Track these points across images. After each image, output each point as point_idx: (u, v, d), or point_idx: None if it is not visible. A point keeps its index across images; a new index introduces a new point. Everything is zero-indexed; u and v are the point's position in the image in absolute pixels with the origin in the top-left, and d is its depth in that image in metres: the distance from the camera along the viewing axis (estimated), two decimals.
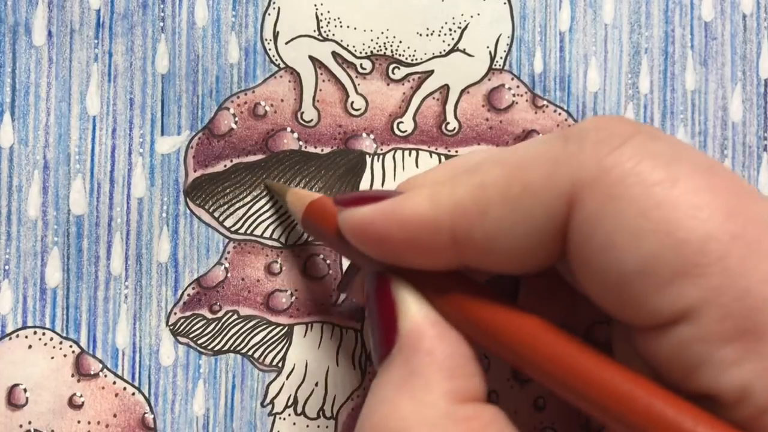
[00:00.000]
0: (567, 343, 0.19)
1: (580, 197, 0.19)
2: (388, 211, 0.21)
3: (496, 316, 0.20)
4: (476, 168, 0.21)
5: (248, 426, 0.29)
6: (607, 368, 0.18)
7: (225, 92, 0.29)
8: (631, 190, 0.18)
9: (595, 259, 0.19)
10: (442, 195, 0.20)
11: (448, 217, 0.20)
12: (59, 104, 0.29)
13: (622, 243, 0.18)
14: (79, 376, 0.28)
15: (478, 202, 0.20)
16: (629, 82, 0.30)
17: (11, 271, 0.28)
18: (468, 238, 0.20)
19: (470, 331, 0.21)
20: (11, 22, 0.29)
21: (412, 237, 0.21)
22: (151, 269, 0.29)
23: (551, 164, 0.19)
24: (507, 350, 0.20)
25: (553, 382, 0.19)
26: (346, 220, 0.22)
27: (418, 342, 0.21)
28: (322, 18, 0.29)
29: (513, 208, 0.19)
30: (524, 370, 0.20)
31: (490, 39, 0.30)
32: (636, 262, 0.18)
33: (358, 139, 0.29)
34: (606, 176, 0.18)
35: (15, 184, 0.29)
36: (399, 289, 0.22)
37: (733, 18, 0.30)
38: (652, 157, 0.18)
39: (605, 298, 0.19)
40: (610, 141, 0.19)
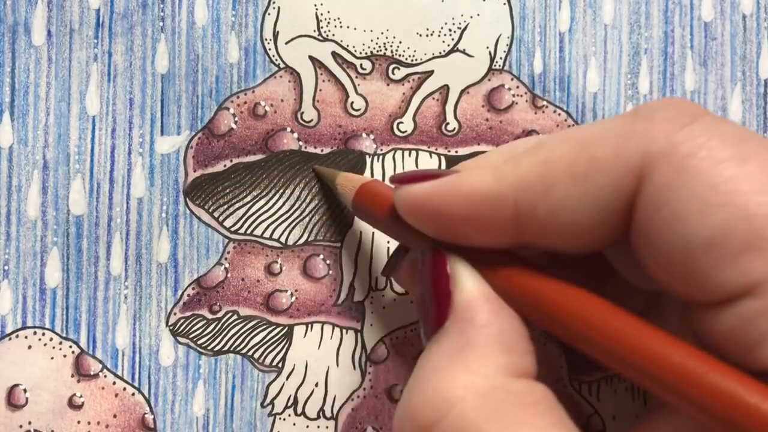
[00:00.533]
0: (629, 320, 0.19)
1: (650, 170, 0.19)
2: (448, 187, 0.21)
3: (555, 292, 0.20)
4: (540, 145, 0.21)
5: (248, 426, 0.29)
6: (670, 344, 0.18)
7: (225, 92, 0.29)
8: (702, 164, 0.18)
9: (663, 231, 0.19)
10: (504, 171, 0.20)
11: (512, 193, 0.20)
12: (59, 104, 0.29)
13: (692, 215, 0.18)
14: (78, 377, 0.28)
15: (544, 178, 0.20)
16: (629, 82, 0.30)
17: (11, 272, 0.28)
18: (532, 214, 0.20)
19: (525, 308, 0.21)
20: (10, 22, 0.29)
21: (473, 212, 0.21)
22: (150, 269, 0.29)
23: (620, 139, 0.19)
24: (564, 326, 0.20)
25: (614, 358, 0.19)
26: (403, 197, 0.22)
27: (474, 314, 0.21)
28: (322, 18, 0.29)
29: (580, 184, 0.19)
30: (581, 345, 0.20)
31: (490, 39, 0.30)
32: (705, 235, 0.18)
33: (358, 139, 0.29)
34: (677, 150, 0.18)
35: (14, 184, 0.28)
36: (455, 263, 0.22)
37: (733, 18, 0.30)
38: (721, 135, 0.18)
39: (669, 273, 0.19)
40: (680, 118, 0.19)
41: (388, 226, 0.24)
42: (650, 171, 0.19)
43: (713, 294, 0.18)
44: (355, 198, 0.26)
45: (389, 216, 0.24)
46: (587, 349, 0.20)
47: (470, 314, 0.21)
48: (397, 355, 0.29)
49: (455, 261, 0.22)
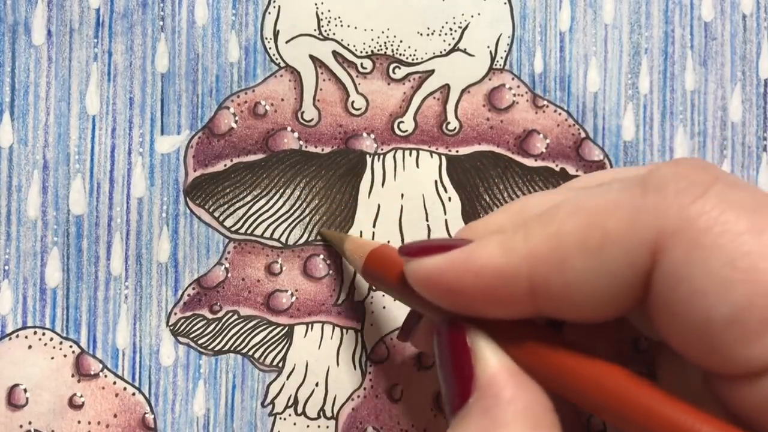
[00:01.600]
0: (651, 391, 0.19)
1: (665, 246, 0.18)
2: (459, 261, 0.21)
3: (575, 364, 0.20)
4: (550, 216, 0.20)
5: (248, 426, 0.29)
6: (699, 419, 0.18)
7: (225, 91, 0.29)
8: (719, 239, 0.18)
9: (682, 307, 0.18)
10: (516, 243, 0.20)
11: (525, 267, 0.20)
12: (59, 104, 0.29)
13: (711, 291, 0.18)
14: (79, 377, 0.28)
15: (556, 251, 0.20)
16: (629, 82, 0.30)
17: (11, 272, 0.28)
18: (546, 288, 0.20)
19: (548, 380, 0.21)
20: (10, 22, 0.29)
21: (486, 287, 0.20)
22: (151, 269, 0.29)
23: (633, 213, 0.19)
24: (589, 399, 0.20)
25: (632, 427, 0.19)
26: (414, 271, 0.22)
27: (499, 391, 0.20)
28: (322, 17, 0.29)
29: (593, 258, 0.19)
30: (606, 417, 0.20)
31: (491, 39, 0.30)
32: (725, 312, 0.18)
33: (359, 138, 0.29)
34: (691, 225, 0.18)
35: (15, 184, 0.28)
36: (474, 337, 0.21)
37: (733, 18, 0.30)
38: (736, 206, 0.18)
39: (689, 347, 0.19)
40: (691, 190, 0.19)
41: (401, 294, 0.24)
42: (665, 247, 0.19)
43: (736, 369, 0.18)
44: (365, 265, 0.26)
45: (401, 284, 0.23)
46: (615, 423, 0.20)
47: (495, 390, 0.20)
48: (398, 355, 0.29)
49: (475, 334, 0.21)
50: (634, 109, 0.30)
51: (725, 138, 0.30)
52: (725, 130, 0.30)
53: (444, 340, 0.22)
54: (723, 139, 0.30)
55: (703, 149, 0.30)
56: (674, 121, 0.30)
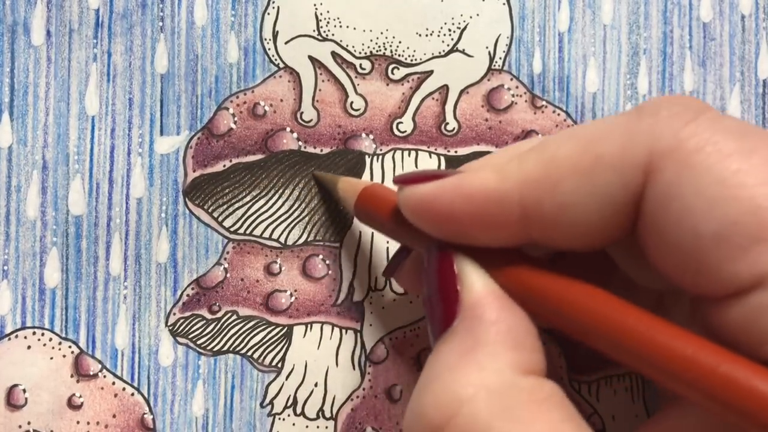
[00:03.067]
0: (638, 314, 0.19)
1: (657, 166, 0.19)
2: (453, 187, 0.21)
3: (562, 288, 0.20)
4: (544, 144, 0.21)
5: (248, 426, 0.29)
6: (681, 337, 0.18)
7: (224, 92, 0.29)
8: (709, 159, 0.18)
9: (672, 226, 0.19)
10: (509, 169, 0.20)
11: (517, 191, 0.20)
12: (58, 104, 0.29)
13: (701, 209, 0.18)
14: (78, 377, 0.28)
15: (548, 175, 0.20)
16: (628, 82, 0.30)
17: (10, 272, 0.28)
18: (538, 212, 0.20)
19: (533, 305, 0.21)
20: (10, 22, 0.29)
21: (479, 211, 0.21)
22: (150, 269, 0.29)
23: (626, 136, 0.19)
24: (574, 322, 0.20)
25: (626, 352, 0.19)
26: (408, 198, 0.22)
27: (483, 312, 0.21)
28: (321, 18, 0.29)
29: (586, 180, 0.19)
30: (591, 341, 0.20)
31: (490, 39, 0.30)
32: (714, 228, 0.18)
33: (358, 139, 0.29)
34: (683, 146, 0.19)
35: (14, 184, 0.28)
36: (461, 262, 0.22)
37: (732, 19, 0.30)
38: (725, 130, 0.19)
39: (678, 268, 0.19)
40: (684, 114, 0.19)
41: (391, 228, 0.24)
42: (657, 167, 0.19)
43: (723, 287, 0.18)
44: (357, 202, 0.26)
45: (393, 218, 0.24)
46: (598, 345, 0.20)
47: (479, 312, 0.21)
48: (397, 355, 0.29)
49: (462, 260, 0.22)
50: None
51: None
52: None
53: (432, 265, 0.22)
54: None
55: None
56: None
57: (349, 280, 0.29)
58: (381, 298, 0.29)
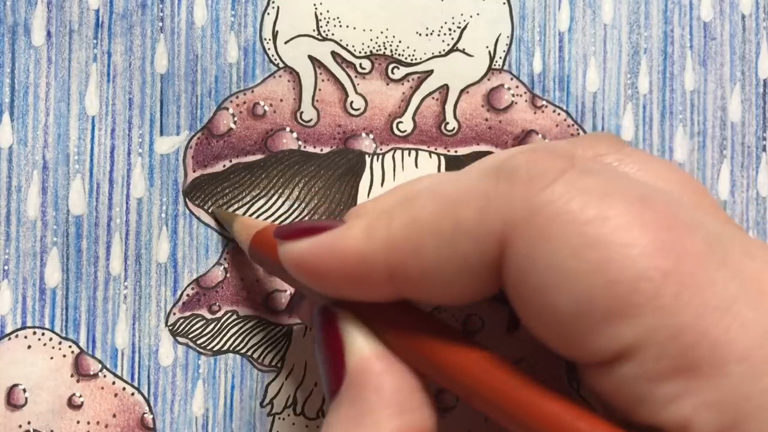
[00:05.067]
0: (510, 376, 0.19)
1: (512, 237, 0.18)
2: (324, 245, 0.21)
3: (442, 348, 0.20)
4: (413, 200, 0.20)
5: (247, 426, 0.29)
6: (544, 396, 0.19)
7: (224, 92, 0.29)
8: (563, 230, 0.18)
9: (531, 299, 0.18)
10: (377, 229, 0.20)
11: (383, 252, 0.20)
12: (58, 104, 0.29)
13: (556, 284, 0.18)
14: (78, 377, 0.28)
15: (411, 239, 0.20)
16: (628, 82, 0.30)
17: (10, 272, 0.28)
18: (402, 273, 0.20)
19: (417, 362, 0.21)
20: (10, 22, 0.29)
21: (348, 272, 0.21)
22: (150, 269, 0.29)
23: (482, 202, 0.19)
24: (452, 382, 0.20)
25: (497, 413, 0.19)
26: (285, 254, 0.22)
27: (366, 378, 0.21)
28: (321, 17, 0.29)
29: (446, 246, 0.19)
30: (468, 401, 0.20)
31: (490, 39, 0.30)
32: (570, 304, 0.18)
33: (358, 138, 0.29)
34: (537, 215, 0.18)
35: (14, 184, 0.28)
36: (344, 323, 0.22)
37: (732, 18, 0.30)
38: (583, 194, 0.18)
39: (545, 336, 0.19)
40: (541, 178, 0.18)
41: (282, 276, 0.24)
42: (512, 238, 0.18)
43: (589, 358, 0.18)
44: (251, 247, 0.26)
45: (281, 266, 0.23)
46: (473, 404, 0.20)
47: (362, 378, 0.21)
48: None
49: (346, 321, 0.22)
50: (634, 109, 0.30)
51: (725, 138, 0.30)
52: (725, 130, 0.30)
53: (318, 325, 0.22)
54: (722, 139, 0.30)
55: (702, 149, 0.30)
56: (674, 121, 0.30)
57: None
58: None
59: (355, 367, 0.21)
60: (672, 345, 0.17)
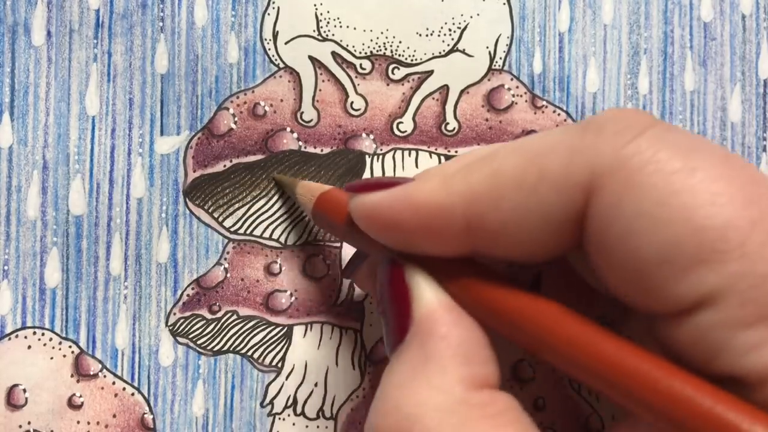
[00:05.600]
0: (585, 326, 0.19)
1: (598, 186, 0.19)
2: (400, 197, 0.21)
3: (513, 300, 0.20)
4: (491, 156, 0.20)
5: (248, 426, 0.29)
6: (628, 351, 0.18)
7: (224, 92, 0.29)
8: (651, 179, 0.18)
9: (614, 247, 0.19)
10: (455, 181, 0.20)
11: (462, 203, 0.20)
12: (58, 104, 0.29)
13: (642, 230, 0.18)
14: (78, 377, 0.28)
15: (493, 189, 0.20)
16: (628, 82, 0.30)
17: (10, 272, 0.28)
18: (481, 225, 0.20)
19: (485, 316, 0.21)
20: (10, 22, 0.29)
21: (424, 222, 0.21)
22: (150, 269, 0.29)
23: (569, 153, 0.19)
24: (524, 334, 0.20)
25: (572, 365, 0.19)
26: (357, 206, 0.22)
27: (433, 327, 0.21)
28: (321, 18, 0.29)
29: (528, 196, 0.19)
30: (541, 353, 0.20)
31: (490, 39, 0.30)
32: (656, 250, 0.18)
33: (358, 139, 0.29)
34: (625, 165, 0.18)
35: (14, 184, 0.28)
36: (413, 275, 0.22)
37: (733, 18, 0.30)
38: (670, 147, 0.18)
39: (623, 287, 0.19)
40: (628, 131, 0.19)
41: (346, 233, 0.24)
42: (599, 187, 0.19)
43: (668, 307, 0.18)
44: (314, 207, 0.26)
45: (347, 224, 0.23)
46: (546, 357, 0.20)
47: (429, 326, 0.21)
48: None
49: (413, 272, 0.22)
50: None
51: (725, 138, 0.30)
52: (725, 130, 0.30)
53: (383, 277, 0.22)
54: (722, 140, 0.30)
55: None
56: (674, 121, 0.30)
57: (349, 280, 0.29)
58: None
59: (422, 316, 0.21)
60: (757, 292, 0.17)
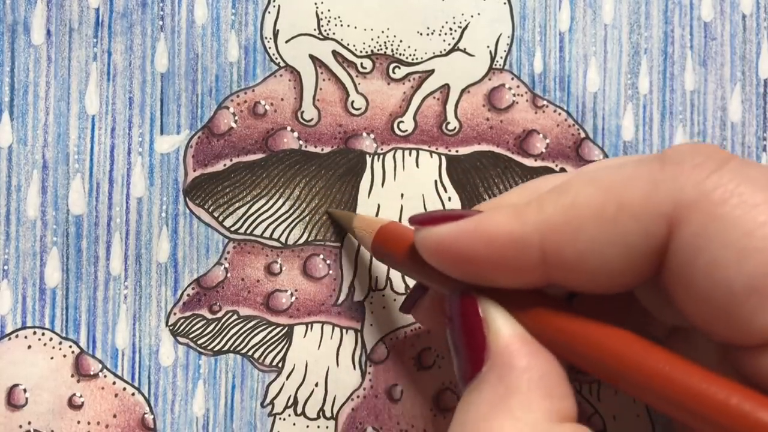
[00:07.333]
0: (663, 355, 0.19)
1: (682, 218, 0.19)
2: (471, 229, 0.21)
3: (587, 331, 0.20)
4: (563, 188, 0.20)
5: (248, 426, 0.29)
6: (712, 381, 0.18)
7: (225, 91, 0.29)
8: (735, 211, 0.18)
9: (699, 278, 0.19)
10: (529, 213, 0.20)
11: (538, 235, 0.20)
12: (58, 103, 0.29)
13: (729, 262, 0.18)
14: (78, 377, 0.28)
15: (570, 221, 0.20)
16: (629, 82, 0.30)
17: (10, 272, 0.28)
18: (558, 257, 0.20)
19: (560, 348, 0.21)
20: (10, 21, 0.29)
21: (498, 255, 0.21)
22: (150, 269, 0.29)
23: (650, 185, 0.19)
24: (601, 365, 0.20)
25: (656, 396, 0.19)
26: (425, 240, 0.22)
27: (513, 360, 0.20)
28: (322, 17, 0.29)
29: (608, 228, 0.19)
30: (618, 384, 0.20)
31: (491, 39, 0.30)
32: (744, 281, 0.18)
33: (359, 138, 0.29)
34: (708, 197, 0.19)
35: (14, 184, 0.28)
36: (486, 307, 0.21)
37: (733, 18, 0.30)
38: (751, 180, 0.19)
39: (706, 318, 0.19)
40: (708, 164, 0.19)
41: (410, 268, 0.24)
42: (682, 219, 0.19)
43: (754, 338, 0.19)
44: (374, 242, 0.26)
45: (410, 258, 0.23)
46: (628, 389, 0.20)
47: (509, 359, 0.20)
48: (397, 355, 0.29)
49: (487, 303, 0.21)
50: (634, 109, 0.30)
51: (725, 138, 0.30)
52: (725, 130, 0.30)
53: (456, 309, 0.22)
54: (723, 139, 0.30)
55: None
56: (674, 121, 0.30)
57: (349, 280, 0.29)
58: (381, 298, 0.29)
59: (500, 348, 0.21)
60: None
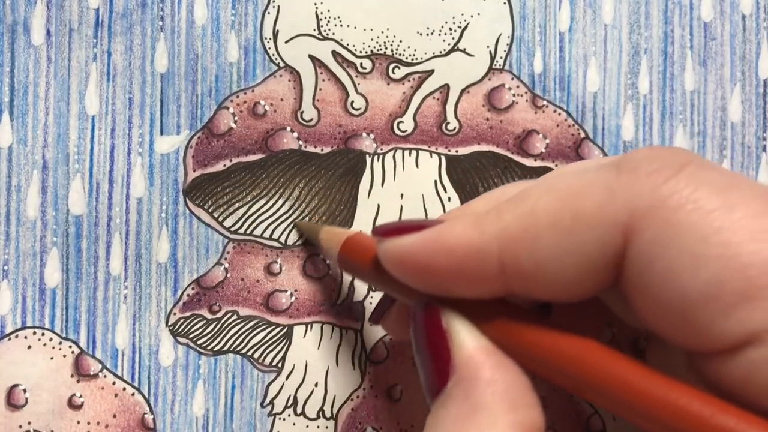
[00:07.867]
0: (623, 363, 0.19)
1: (637, 225, 0.19)
2: (431, 240, 0.21)
3: (551, 340, 0.20)
4: (523, 196, 0.20)
5: (248, 426, 0.29)
6: (674, 388, 0.18)
7: (224, 91, 0.29)
8: (690, 217, 0.18)
9: (657, 285, 0.19)
10: (487, 222, 0.20)
11: (496, 245, 0.20)
12: (58, 104, 0.29)
13: (685, 269, 0.18)
14: (78, 377, 0.28)
15: (528, 230, 0.20)
16: (629, 82, 0.30)
17: (10, 272, 0.28)
18: (516, 266, 0.20)
19: (525, 359, 0.21)
20: (10, 21, 0.29)
21: (458, 265, 0.20)
22: (150, 269, 0.29)
23: (605, 193, 0.19)
24: (565, 375, 0.20)
25: (619, 405, 0.19)
26: (387, 251, 0.22)
27: (477, 372, 0.20)
28: (322, 17, 0.29)
29: (564, 237, 0.19)
30: (585, 394, 0.20)
31: (490, 39, 0.30)
32: (700, 288, 0.18)
33: (358, 138, 0.29)
34: (664, 204, 0.18)
35: (14, 184, 0.28)
36: (450, 319, 0.21)
37: (733, 18, 0.30)
38: (706, 185, 0.19)
39: (665, 325, 0.19)
40: (664, 170, 0.19)
41: (375, 279, 0.24)
42: (638, 227, 0.19)
43: (714, 345, 0.18)
44: (340, 253, 0.25)
45: (375, 269, 0.23)
46: (591, 398, 0.20)
47: (473, 372, 0.20)
48: (397, 355, 0.29)
49: (450, 315, 0.21)
50: (634, 110, 0.30)
51: (725, 138, 0.30)
52: (725, 130, 0.30)
53: (419, 323, 0.22)
54: (722, 140, 0.30)
55: (702, 149, 0.30)
56: (674, 121, 0.30)
57: (349, 280, 0.29)
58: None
59: (464, 361, 0.21)
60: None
